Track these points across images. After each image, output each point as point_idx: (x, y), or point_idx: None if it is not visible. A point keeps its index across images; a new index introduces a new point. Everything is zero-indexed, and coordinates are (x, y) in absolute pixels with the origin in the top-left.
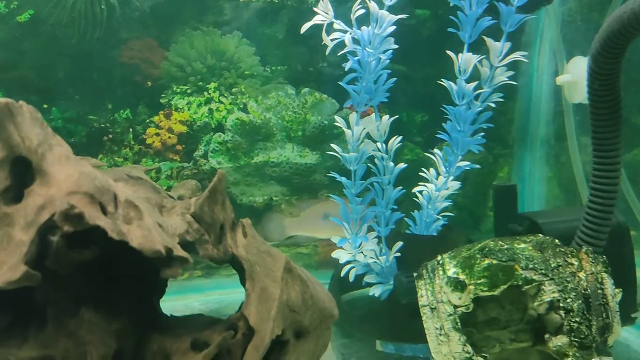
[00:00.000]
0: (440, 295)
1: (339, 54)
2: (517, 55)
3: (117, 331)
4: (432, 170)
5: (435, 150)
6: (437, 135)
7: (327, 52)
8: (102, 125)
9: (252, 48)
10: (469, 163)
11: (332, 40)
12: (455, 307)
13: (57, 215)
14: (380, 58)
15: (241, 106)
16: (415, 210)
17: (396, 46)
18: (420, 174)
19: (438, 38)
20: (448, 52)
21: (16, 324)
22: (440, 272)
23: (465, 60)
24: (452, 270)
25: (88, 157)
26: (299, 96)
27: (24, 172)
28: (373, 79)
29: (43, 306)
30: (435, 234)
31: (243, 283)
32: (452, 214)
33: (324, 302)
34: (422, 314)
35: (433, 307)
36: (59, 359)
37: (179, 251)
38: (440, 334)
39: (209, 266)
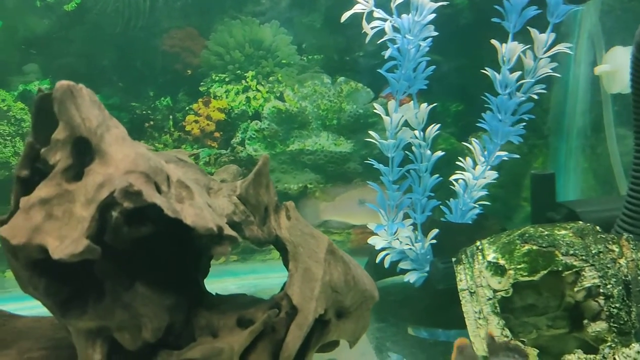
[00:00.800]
0: (480, 279)
1: (378, 42)
2: (562, 47)
3: (169, 306)
4: (468, 159)
5: (473, 140)
6: (476, 124)
7: (366, 40)
8: (144, 112)
9: (289, 37)
10: (506, 153)
11: (372, 28)
12: (495, 291)
13: (118, 192)
14: (420, 45)
15: (278, 94)
16: (451, 199)
17: (436, 33)
18: (457, 162)
19: (475, 28)
20: (493, 41)
21: (75, 296)
22: (480, 257)
23: (510, 49)
24: (491, 255)
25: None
26: (335, 85)
27: (84, 151)
28: (412, 67)
29: (101, 280)
30: (470, 222)
31: (286, 264)
32: (487, 203)
33: (365, 284)
34: (461, 297)
35: (472, 291)
36: (115, 330)
37: (228, 230)
38: (479, 318)
39: (244, 251)
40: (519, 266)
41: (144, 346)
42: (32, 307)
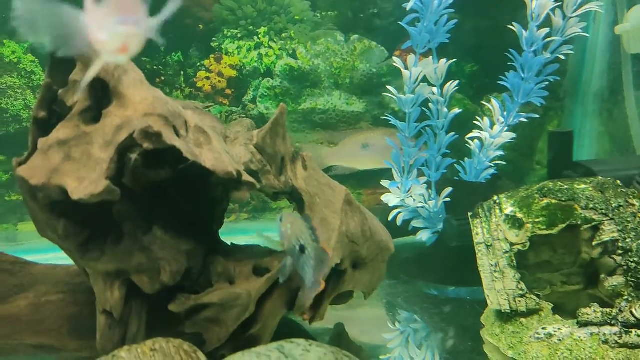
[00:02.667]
0: (497, 233)
1: None
2: (593, 6)
3: (187, 251)
4: (485, 118)
5: (492, 98)
6: (494, 84)
7: None
8: (155, 67)
9: None
10: (524, 114)
11: None
12: (512, 244)
13: (137, 133)
14: None
15: (290, 52)
16: (465, 158)
17: None
18: (474, 122)
19: None
20: None
21: (94, 238)
22: (497, 211)
23: (541, 5)
24: (509, 209)
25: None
26: (348, 43)
27: (101, 94)
28: (435, 20)
29: (119, 222)
30: (484, 182)
31: (302, 214)
32: (503, 163)
33: (381, 235)
34: (477, 251)
35: (489, 244)
36: (133, 273)
37: (247, 176)
38: (495, 271)
39: (255, 209)
40: (537, 220)
41: (162, 290)
42: (45, 260)
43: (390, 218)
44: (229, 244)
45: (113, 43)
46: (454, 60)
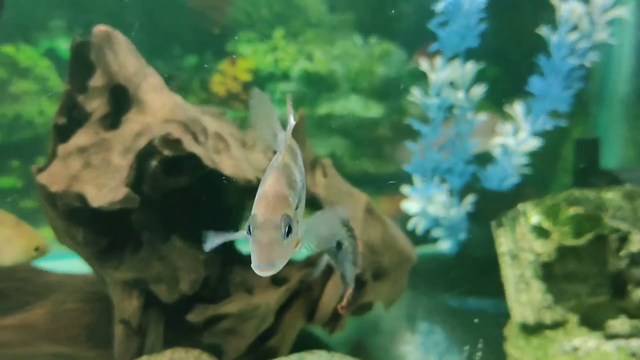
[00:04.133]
0: (522, 243)
1: None
2: (619, 12)
3: (204, 260)
4: (509, 124)
5: (516, 104)
6: (517, 89)
7: None
8: (170, 71)
9: None
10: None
11: None
12: (538, 254)
13: (157, 140)
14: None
15: (307, 55)
16: (488, 165)
17: None
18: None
19: None
20: None
21: (112, 248)
22: (522, 220)
23: (571, 9)
24: (535, 218)
25: None
26: (367, 46)
27: (121, 100)
28: (466, 23)
29: (138, 231)
30: (507, 190)
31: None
32: (527, 170)
33: (403, 245)
34: (500, 261)
35: (514, 254)
36: (151, 282)
37: None
38: (520, 282)
39: None
40: (563, 229)
41: (180, 299)
42: (60, 268)
43: (409, 226)
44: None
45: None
46: (482, 64)
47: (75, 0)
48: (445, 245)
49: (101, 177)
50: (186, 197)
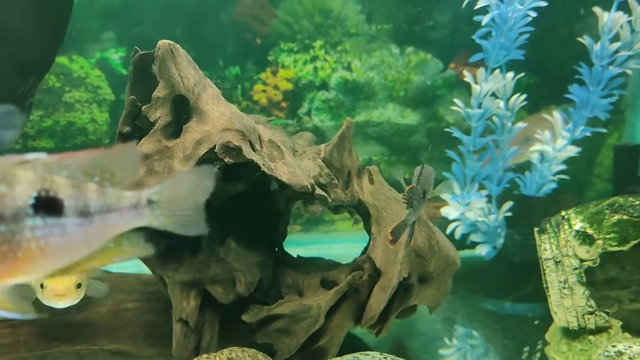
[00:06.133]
0: (566, 249)
1: (475, 8)
2: None
3: (258, 263)
4: (546, 132)
5: (555, 111)
6: (555, 96)
7: (463, 5)
8: (213, 81)
9: (358, 6)
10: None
11: None
12: (582, 261)
13: (219, 148)
14: (529, 15)
15: (345, 65)
16: (526, 172)
17: (545, 3)
18: (536, 135)
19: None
20: (595, 8)
21: (172, 249)
22: (566, 226)
23: (614, 19)
24: (579, 225)
25: None
26: (403, 55)
27: (181, 109)
28: (514, 36)
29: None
30: (545, 196)
31: (368, 228)
32: (567, 177)
33: (448, 250)
34: (545, 267)
35: (557, 260)
36: (209, 283)
37: (319, 190)
38: (564, 288)
39: (307, 221)
40: (608, 236)
41: (235, 300)
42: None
43: (448, 231)
44: (295, 255)
45: None
46: (522, 74)
47: (125, 13)
48: (483, 250)
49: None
50: (237, 201)
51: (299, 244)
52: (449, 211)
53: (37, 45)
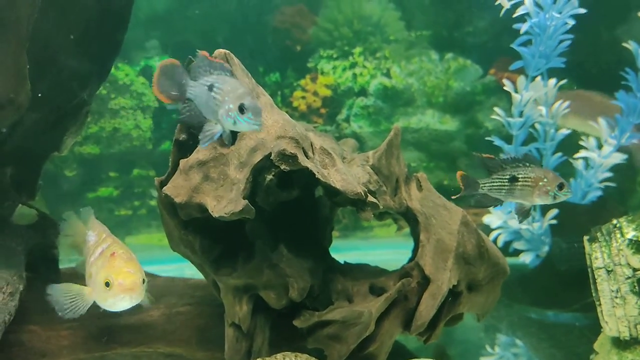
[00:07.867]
0: (618, 258)
1: (513, 16)
2: None
3: (309, 269)
4: (591, 138)
5: (601, 119)
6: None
7: (501, 14)
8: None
9: (397, 13)
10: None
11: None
12: (635, 270)
13: (275, 155)
14: (567, 23)
15: (384, 71)
16: (571, 179)
17: (584, 10)
18: (580, 142)
19: (589, 4)
20: None
21: (225, 255)
22: (618, 235)
23: None
24: (631, 233)
25: None
26: (442, 62)
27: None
28: (554, 44)
29: (251, 240)
30: (589, 203)
31: (415, 235)
32: (613, 184)
33: (498, 258)
34: (596, 276)
35: (609, 269)
36: (261, 288)
37: (371, 197)
38: (616, 297)
39: (345, 228)
40: None
41: (286, 306)
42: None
43: (490, 238)
44: (342, 261)
45: None
46: (564, 80)
47: (168, 22)
48: (527, 258)
49: (219, 189)
50: (286, 208)
51: (337, 250)
52: (492, 219)
53: (95, 56)
